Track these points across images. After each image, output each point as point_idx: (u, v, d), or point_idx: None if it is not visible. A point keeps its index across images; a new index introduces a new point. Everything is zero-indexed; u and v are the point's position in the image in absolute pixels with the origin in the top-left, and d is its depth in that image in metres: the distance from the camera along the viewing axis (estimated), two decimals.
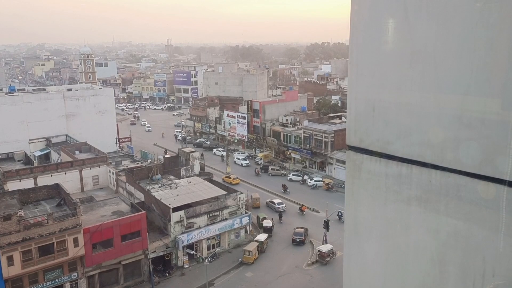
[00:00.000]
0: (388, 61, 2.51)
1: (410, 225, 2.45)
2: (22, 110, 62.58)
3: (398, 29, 2.42)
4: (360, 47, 2.63)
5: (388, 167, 2.52)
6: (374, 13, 2.52)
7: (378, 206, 2.60)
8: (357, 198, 2.72)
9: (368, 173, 2.62)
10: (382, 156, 2.55)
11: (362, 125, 2.66)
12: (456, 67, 2.18)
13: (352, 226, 2.79)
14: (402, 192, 2.45)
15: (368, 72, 2.60)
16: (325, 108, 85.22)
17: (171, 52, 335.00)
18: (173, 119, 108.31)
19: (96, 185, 51.73)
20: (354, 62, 2.66)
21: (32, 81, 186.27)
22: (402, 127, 2.46)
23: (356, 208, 2.74)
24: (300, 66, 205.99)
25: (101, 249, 34.96)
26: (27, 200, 38.02)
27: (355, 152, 2.71)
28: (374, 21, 2.52)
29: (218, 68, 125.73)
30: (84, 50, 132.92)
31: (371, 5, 2.54)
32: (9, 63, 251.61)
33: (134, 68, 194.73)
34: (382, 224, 2.60)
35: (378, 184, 2.58)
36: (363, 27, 2.59)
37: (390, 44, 2.49)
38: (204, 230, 40.61)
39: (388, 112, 2.52)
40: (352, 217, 2.78)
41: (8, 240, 30.31)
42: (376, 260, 2.68)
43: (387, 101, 2.53)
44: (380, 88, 2.55)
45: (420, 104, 2.37)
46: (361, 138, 2.67)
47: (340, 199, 54.00)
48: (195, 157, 52.55)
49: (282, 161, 71.70)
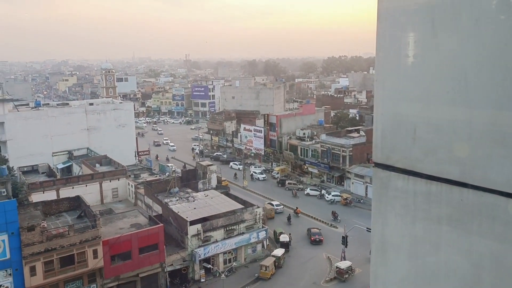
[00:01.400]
0: (416, 77, 2.48)
1: (440, 244, 2.38)
2: (46, 124, 64.20)
3: (425, 44, 2.39)
4: (387, 63, 2.61)
5: (417, 185, 2.47)
6: (401, 28, 2.50)
7: (406, 225, 2.54)
8: (384, 216, 2.67)
9: (396, 190, 2.57)
10: (410, 174, 2.50)
11: (388, 142, 2.62)
12: (487, 82, 2.14)
13: (379, 244, 2.72)
14: (432, 211, 2.39)
15: (394, 87, 2.57)
16: (342, 121, 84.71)
17: (189, 67, 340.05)
18: (191, 133, 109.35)
19: (116, 197, 52.35)
20: (380, 78, 2.64)
21: (56, 96, 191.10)
22: (430, 143, 2.41)
23: (383, 226, 2.68)
24: (317, 79, 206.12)
25: (119, 261, 35.17)
26: (50, 211, 38.68)
27: (382, 169, 2.67)
28: (400, 36, 2.50)
29: (235, 82, 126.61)
30: (105, 65, 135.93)
31: (397, 21, 2.53)
32: (35, 79, 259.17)
33: (153, 82, 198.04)
34: (410, 243, 2.53)
35: (406, 202, 2.52)
36: (389, 43, 2.57)
37: (417, 59, 2.46)
38: (221, 244, 40.47)
39: (415, 128, 2.48)
40: (379, 235, 2.72)
41: (31, 250, 30.81)
42: (405, 279, 2.61)
43: (415, 117, 2.49)
44: (407, 104, 2.51)
45: (449, 120, 2.33)
46: (388, 155, 2.63)
47: (358, 215, 53.21)
48: (213, 170, 52.74)
49: (299, 175, 71.28)
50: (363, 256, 41.12)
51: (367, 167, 61.20)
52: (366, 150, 64.46)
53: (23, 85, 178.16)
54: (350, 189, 62.45)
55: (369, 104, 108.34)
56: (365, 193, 60.21)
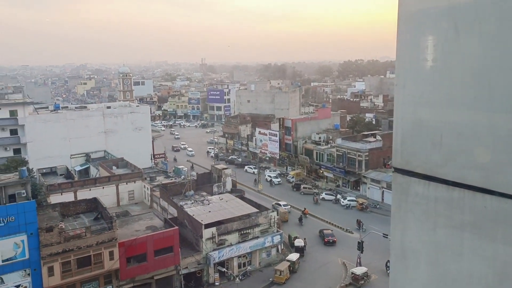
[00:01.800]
0: (437, 81, 2.44)
1: (462, 252, 2.33)
2: (65, 127, 65.38)
3: (447, 47, 2.35)
4: (407, 67, 2.58)
5: (438, 191, 2.42)
6: (422, 31, 2.47)
7: (427, 231, 2.49)
8: (404, 222, 2.62)
9: (416, 196, 2.53)
10: (430, 179, 2.46)
11: (408, 146, 2.59)
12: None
13: (398, 251, 2.68)
14: (454, 218, 2.34)
15: (415, 92, 2.54)
16: (359, 126, 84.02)
17: (205, 71, 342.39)
18: (206, 136, 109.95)
19: (132, 200, 52.90)
20: (400, 82, 2.61)
21: (75, 99, 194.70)
22: (452, 148, 2.37)
23: (403, 232, 2.63)
24: (333, 83, 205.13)
25: (135, 263, 35.47)
26: (68, 213, 39.28)
27: (402, 175, 2.63)
28: (421, 40, 2.47)
29: (250, 86, 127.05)
30: (122, 69, 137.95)
31: (418, 24, 2.49)
32: (55, 83, 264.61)
33: (169, 86, 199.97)
34: (431, 250, 2.48)
35: (426, 208, 2.48)
36: (410, 46, 2.54)
37: (439, 63, 2.42)
38: (235, 247, 40.47)
39: (437, 133, 2.44)
40: (398, 241, 2.68)
41: (49, 251, 31.34)
42: (425, 287, 2.56)
43: (436, 122, 2.45)
44: (428, 109, 2.48)
45: (472, 125, 2.28)
46: (408, 160, 2.59)
47: (374, 220, 52.62)
48: (227, 174, 52.87)
49: (314, 179, 70.90)
50: (379, 262, 40.59)
51: (384, 172, 60.53)
52: (383, 155, 63.79)
53: (43, 88, 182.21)
54: (366, 194, 61.82)
55: (386, 109, 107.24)
56: (381, 199, 59.52)
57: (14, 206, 30.58)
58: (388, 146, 64.32)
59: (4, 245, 29.86)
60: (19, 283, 30.82)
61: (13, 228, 29.97)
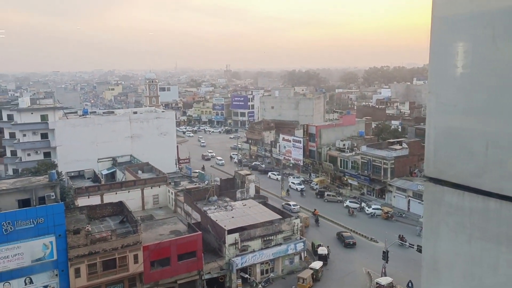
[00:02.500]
0: (473, 88, 2.37)
1: (499, 265, 2.24)
2: (93, 131, 67.07)
3: (484, 53, 2.28)
4: (441, 73, 2.52)
5: (473, 202, 2.34)
6: (457, 37, 2.40)
7: (461, 243, 2.41)
8: (436, 233, 2.55)
9: (450, 207, 2.46)
10: (465, 189, 2.39)
11: (442, 155, 2.52)
12: None
13: (430, 263, 2.60)
14: (490, 229, 2.26)
15: (449, 99, 2.47)
16: (384, 133, 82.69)
17: (229, 77, 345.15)
18: (230, 142, 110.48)
19: (156, 204, 53.57)
20: (433, 89, 2.55)
21: (103, 105, 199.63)
22: (489, 158, 2.29)
23: (436, 244, 2.56)
24: (358, 90, 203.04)
25: (158, 267, 35.82)
26: (94, 215, 40.11)
27: (435, 184, 2.56)
28: (456, 46, 2.41)
29: (274, 92, 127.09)
30: (149, 75, 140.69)
31: (453, 29, 2.43)
32: (84, 88, 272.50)
33: (194, 92, 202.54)
34: (466, 263, 2.40)
35: (461, 219, 2.40)
36: (443, 52, 2.48)
37: (475, 70, 2.35)
38: (258, 254, 40.34)
39: (472, 142, 2.37)
40: (430, 253, 2.60)
41: (76, 253, 32.06)
42: None
43: (471, 131, 2.37)
44: (463, 117, 2.41)
45: (510, 134, 2.20)
46: (441, 169, 2.52)
47: (400, 229, 51.52)
48: (251, 180, 52.89)
49: (338, 187, 70.10)
50: (405, 273, 39.64)
51: (410, 181, 59.29)
52: (409, 163, 62.52)
53: (72, 93, 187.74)
54: (392, 203, 60.63)
55: (412, 116, 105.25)
56: (407, 207, 58.25)
57: (43, 208, 31.48)
58: (415, 154, 63.03)
59: (33, 246, 30.73)
60: (47, 284, 31.62)
61: (42, 230, 30.84)
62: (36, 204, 33.49)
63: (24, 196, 33.98)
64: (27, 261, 30.51)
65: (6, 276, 29.91)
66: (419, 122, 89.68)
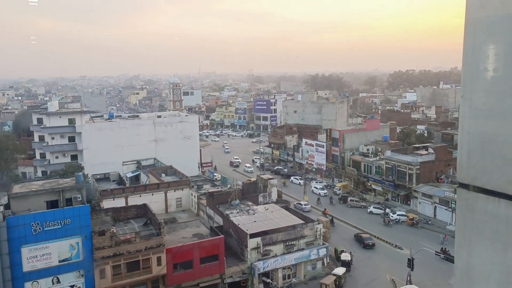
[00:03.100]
0: (508, 92, 2.30)
1: None
2: (118, 135, 68.46)
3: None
4: (474, 78, 2.45)
5: (509, 209, 2.27)
6: (492, 39, 2.34)
7: (496, 252, 2.34)
8: (469, 241, 2.48)
9: (484, 214, 2.38)
10: (501, 196, 2.31)
11: (476, 161, 2.45)
12: None
13: (464, 272, 2.53)
14: None
15: (483, 104, 2.41)
16: (409, 138, 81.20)
17: (252, 81, 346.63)
18: (252, 146, 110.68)
19: (179, 207, 54.13)
20: (467, 93, 2.49)
21: (128, 108, 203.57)
22: None
23: (469, 252, 2.49)
24: (382, 94, 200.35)
25: (181, 270, 36.12)
26: (119, 217, 40.85)
27: (468, 191, 2.49)
28: (491, 48, 2.35)
29: (297, 96, 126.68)
30: (173, 80, 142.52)
31: (488, 31, 2.37)
32: (110, 92, 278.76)
33: (217, 96, 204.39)
34: (501, 272, 2.32)
35: (496, 227, 2.33)
36: (478, 56, 2.42)
37: (510, 73, 2.29)
38: (280, 258, 40.16)
39: (508, 148, 2.30)
40: (464, 261, 2.53)
41: (102, 254, 32.68)
42: None
43: (507, 136, 2.30)
44: (499, 122, 2.34)
45: None
46: (475, 176, 2.45)
47: (426, 236, 50.43)
48: (273, 184, 52.81)
49: (362, 192, 69.16)
50: (432, 282, 38.70)
51: (436, 187, 57.97)
52: (435, 169, 61.18)
53: (98, 98, 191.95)
54: (417, 209, 59.38)
55: (439, 120, 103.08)
56: (433, 214, 56.93)
57: (70, 209, 32.26)
58: (441, 159, 61.64)
59: (61, 247, 31.51)
60: (74, 284, 32.33)
61: (69, 231, 31.59)
62: (63, 205, 34.38)
63: (52, 197, 34.94)
64: (55, 261, 31.29)
65: (34, 275, 30.75)
66: (446, 127, 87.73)
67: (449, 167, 62.56)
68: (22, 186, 36.90)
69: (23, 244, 30.09)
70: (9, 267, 29.58)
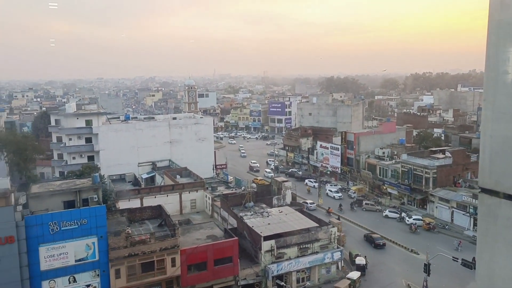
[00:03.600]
0: None
1: None
2: (134, 136, 69.24)
3: None
4: (497, 81, 2.41)
5: None
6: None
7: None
8: (492, 247, 2.43)
9: (508, 219, 2.34)
10: None
11: (499, 166, 2.41)
12: None
13: (485, 279, 2.48)
14: None
15: (507, 107, 2.36)
16: (426, 141, 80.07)
17: (267, 84, 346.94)
18: (267, 148, 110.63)
19: (194, 208, 54.39)
20: (489, 98, 2.45)
21: (144, 110, 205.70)
22: None
23: (492, 259, 2.44)
24: (398, 97, 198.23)
25: (195, 271, 36.23)
26: (134, 218, 41.21)
27: (490, 196, 2.45)
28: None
29: (312, 99, 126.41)
30: (188, 82, 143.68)
31: (510, 36, 2.33)
32: (126, 94, 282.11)
33: (232, 98, 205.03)
34: None
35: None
36: (501, 59, 2.38)
37: None
38: (294, 261, 39.98)
39: None
40: (485, 268, 2.48)
41: (117, 254, 33.01)
42: None
43: None
44: None
45: None
46: (498, 180, 2.41)
47: (442, 241, 49.60)
48: (287, 186, 52.65)
49: (377, 196, 68.43)
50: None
51: (454, 191, 57.01)
52: (453, 173, 60.21)
53: (115, 99, 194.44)
54: (434, 214, 58.47)
55: (456, 124, 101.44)
56: (450, 219, 55.97)
57: (87, 209, 32.70)
58: (459, 163, 60.63)
59: (77, 246, 31.96)
60: (90, 283, 32.74)
61: (85, 231, 32.03)
62: (80, 205, 34.88)
63: (69, 197, 35.50)
64: (71, 260, 31.74)
65: (51, 274, 31.24)
66: (463, 131, 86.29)
67: (467, 171, 61.44)
68: (40, 186, 37.59)
69: (41, 243, 30.61)
70: (27, 265, 30.11)
